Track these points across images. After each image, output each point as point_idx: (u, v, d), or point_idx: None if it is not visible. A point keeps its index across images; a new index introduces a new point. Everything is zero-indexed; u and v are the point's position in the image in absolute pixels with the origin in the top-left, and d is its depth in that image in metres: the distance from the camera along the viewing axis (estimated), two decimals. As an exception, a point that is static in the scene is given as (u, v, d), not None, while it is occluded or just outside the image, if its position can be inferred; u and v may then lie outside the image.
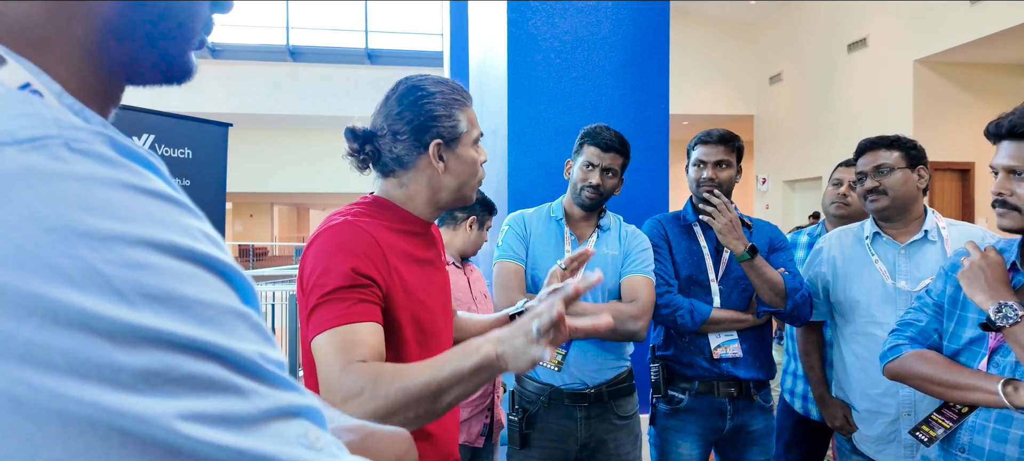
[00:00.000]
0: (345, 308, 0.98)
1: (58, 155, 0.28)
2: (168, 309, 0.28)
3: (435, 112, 1.11)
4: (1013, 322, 1.18)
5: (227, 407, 0.28)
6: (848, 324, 1.91)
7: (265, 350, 0.32)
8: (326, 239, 1.04)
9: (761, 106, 12.69)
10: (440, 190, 1.15)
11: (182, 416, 0.27)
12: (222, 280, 0.32)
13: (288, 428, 0.31)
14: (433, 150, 1.11)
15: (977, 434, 1.27)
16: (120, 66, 0.39)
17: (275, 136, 13.79)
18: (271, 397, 0.31)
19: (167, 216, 0.30)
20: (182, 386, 0.27)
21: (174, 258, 0.29)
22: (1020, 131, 1.23)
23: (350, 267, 1.00)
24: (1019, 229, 1.26)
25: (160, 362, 0.27)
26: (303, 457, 0.30)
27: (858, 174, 1.92)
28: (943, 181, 9.01)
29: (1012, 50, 8.51)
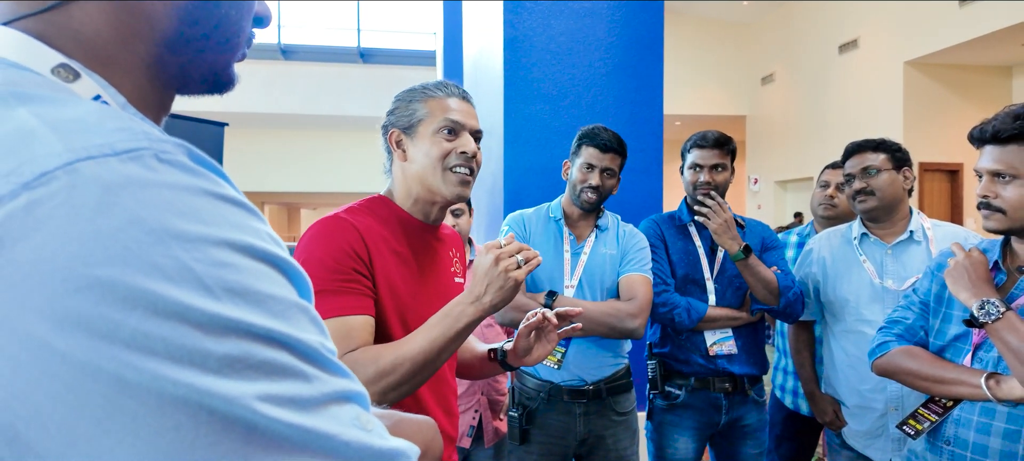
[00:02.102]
0: (330, 300, 1.02)
1: (150, 165, 0.32)
2: (247, 303, 0.32)
3: (397, 107, 1.18)
4: (995, 318, 1.22)
5: (295, 390, 0.32)
6: (838, 322, 1.95)
7: (323, 340, 0.35)
8: (311, 233, 1.08)
9: (753, 107, 12.77)
10: (411, 180, 1.17)
11: (259, 397, 0.30)
12: (284, 277, 0.35)
13: (344, 411, 0.34)
14: (392, 140, 1.18)
15: (961, 427, 1.31)
16: (173, 78, 0.43)
17: (267, 135, 13.74)
18: (330, 382, 0.34)
19: (242, 220, 0.34)
20: (258, 371, 0.31)
21: (250, 258, 0.33)
22: (1003, 136, 1.27)
23: (329, 261, 1.03)
24: (1004, 230, 1.30)
25: (241, 349, 0.30)
26: (358, 437, 0.34)
27: (846, 176, 1.96)
28: (932, 182, 9.11)
29: (999, 52, 8.62)
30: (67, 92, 0.35)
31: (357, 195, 5.39)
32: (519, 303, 1.77)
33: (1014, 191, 1.27)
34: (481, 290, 1.02)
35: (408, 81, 4.29)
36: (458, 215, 2.31)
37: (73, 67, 0.36)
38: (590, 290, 1.85)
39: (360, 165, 13.84)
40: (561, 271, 1.86)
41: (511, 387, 1.97)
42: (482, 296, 1.02)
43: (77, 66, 0.36)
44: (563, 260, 1.87)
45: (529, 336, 1.25)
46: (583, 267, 1.86)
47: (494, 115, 2.84)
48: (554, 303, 1.78)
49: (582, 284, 1.85)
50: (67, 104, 0.33)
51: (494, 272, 1.01)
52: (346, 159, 13.91)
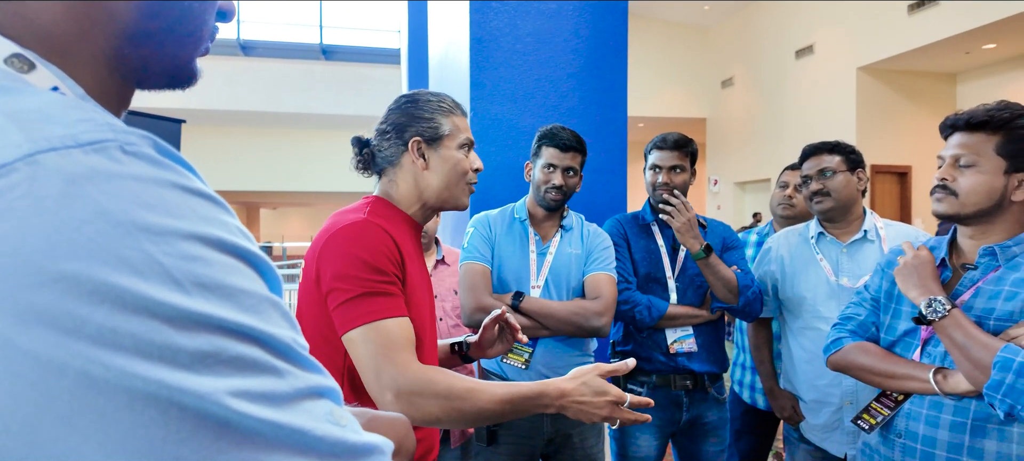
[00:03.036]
0: (380, 303, 1.04)
1: (115, 157, 0.31)
2: (218, 297, 0.31)
3: (416, 113, 1.21)
4: (942, 315, 1.28)
5: (268, 386, 0.32)
6: (795, 319, 2.01)
7: (295, 335, 0.35)
8: (347, 236, 1.08)
9: (714, 109, 13.04)
10: (425, 189, 1.21)
11: (231, 393, 0.30)
12: (255, 271, 0.35)
13: (317, 406, 0.34)
14: (413, 147, 1.19)
15: (912, 420, 1.37)
16: (133, 71, 0.41)
17: (226, 133, 13.41)
18: (303, 378, 0.34)
19: (211, 213, 0.34)
20: (230, 366, 0.30)
21: (220, 251, 0.33)
22: (974, 122, 1.32)
23: (377, 263, 1.06)
24: (953, 215, 1.35)
25: (212, 344, 0.30)
26: (331, 432, 0.34)
27: (803, 177, 2.02)
28: (883, 183, 9.46)
29: (945, 60, 9.00)
30: (23, 83, 0.34)
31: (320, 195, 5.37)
32: (486, 304, 1.77)
33: (970, 178, 1.31)
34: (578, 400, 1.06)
35: (372, 79, 4.28)
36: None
37: (28, 57, 0.35)
38: (556, 290, 1.86)
39: (323, 164, 13.62)
40: (527, 272, 1.87)
41: None
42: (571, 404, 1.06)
43: (32, 56, 0.35)
44: (529, 261, 1.88)
45: (494, 328, 1.32)
46: (549, 267, 1.88)
47: (460, 115, 2.84)
48: (521, 304, 1.79)
49: (548, 284, 1.86)
50: (25, 94, 0.32)
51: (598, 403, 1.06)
52: (308, 158, 13.67)
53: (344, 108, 11.90)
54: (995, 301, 1.29)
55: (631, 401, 1.09)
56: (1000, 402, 1.18)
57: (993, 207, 1.31)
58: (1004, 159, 1.29)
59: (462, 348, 1.39)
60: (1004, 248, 1.31)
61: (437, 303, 2.27)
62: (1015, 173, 1.29)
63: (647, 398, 1.12)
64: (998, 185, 1.30)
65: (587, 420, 1.08)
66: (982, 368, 1.20)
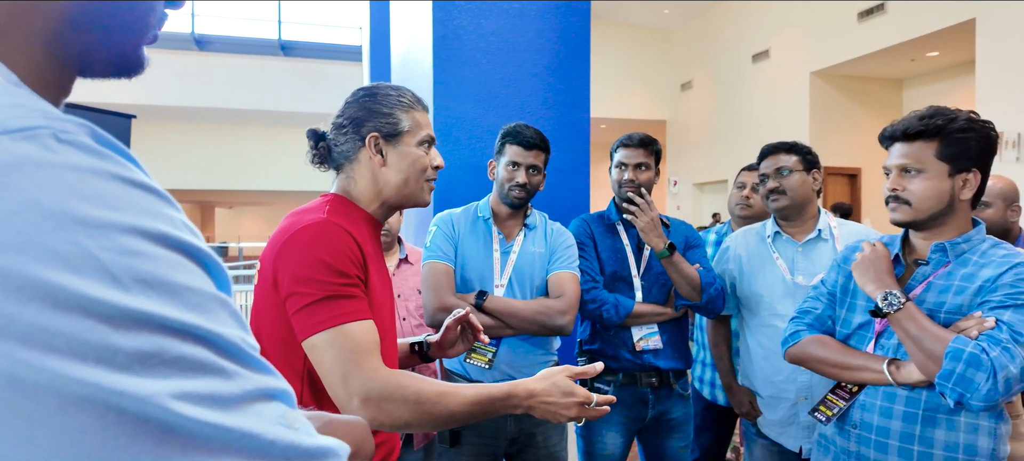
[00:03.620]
0: (344, 306, 1.01)
1: (48, 145, 0.29)
2: (160, 294, 0.29)
3: (374, 108, 1.17)
4: (897, 308, 1.33)
5: (214, 387, 0.30)
6: (753, 317, 2.05)
7: (244, 335, 0.33)
8: (307, 237, 1.04)
9: (673, 111, 13.27)
10: (384, 186, 1.18)
11: (174, 395, 0.28)
12: (201, 268, 0.33)
13: (268, 409, 0.33)
14: (370, 142, 1.16)
15: (866, 411, 1.41)
16: (74, 58, 0.39)
17: (179, 129, 13.00)
18: (252, 379, 0.32)
19: (153, 206, 0.32)
20: (173, 367, 0.29)
21: (162, 246, 0.31)
22: (911, 132, 1.38)
23: (339, 265, 1.02)
24: (909, 221, 1.41)
25: (153, 344, 0.28)
26: (284, 435, 0.32)
27: (760, 176, 2.07)
28: (835, 184, 9.79)
29: (892, 66, 9.36)
30: None
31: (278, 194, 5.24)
32: (449, 304, 1.76)
33: (919, 184, 1.37)
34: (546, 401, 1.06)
35: (332, 76, 4.21)
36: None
37: None
38: (520, 288, 1.86)
39: (281, 162, 13.32)
40: (491, 270, 1.87)
41: None
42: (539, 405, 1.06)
43: None
44: (492, 259, 1.88)
45: (457, 328, 1.31)
46: (513, 266, 1.87)
47: (423, 113, 2.81)
48: (485, 303, 1.78)
49: (512, 283, 1.86)
50: None
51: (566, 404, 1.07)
52: (266, 155, 13.36)
53: (303, 105, 11.67)
54: (945, 295, 1.34)
55: (597, 400, 1.10)
56: (951, 391, 1.23)
57: (944, 209, 1.37)
58: (946, 163, 1.35)
59: (422, 347, 1.37)
60: (954, 245, 1.37)
61: (400, 303, 2.24)
62: (958, 174, 1.35)
63: (611, 396, 1.14)
64: (945, 188, 1.35)
65: (554, 420, 1.09)
66: (934, 359, 1.25)
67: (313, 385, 1.09)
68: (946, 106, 1.38)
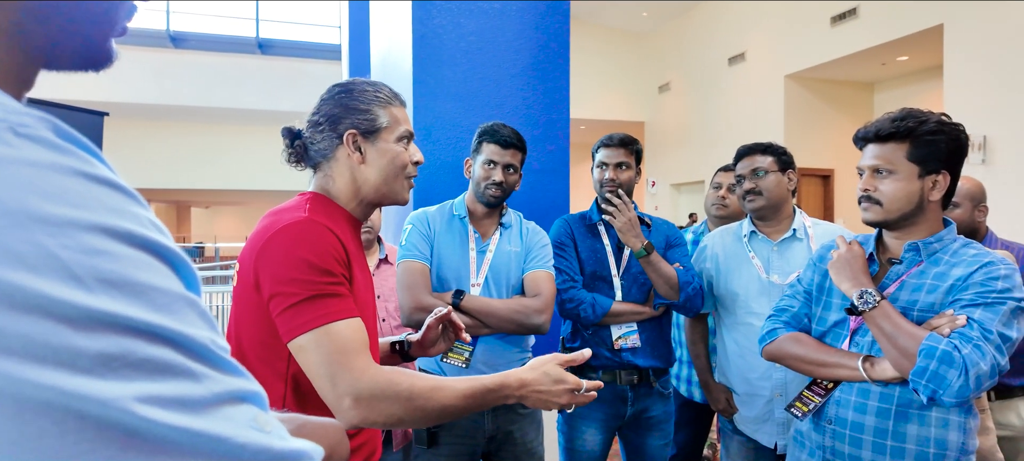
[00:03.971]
0: (330, 305, 0.99)
1: (5, 139, 0.28)
2: (124, 295, 0.28)
3: (351, 104, 1.15)
4: (872, 306, 1.35)
5: (182, 390, 0.29)
6: (729, 315, 2.08)
7: (214, 336, 0.33)
8: (289, 236, 1.02)
9: (652, 113, 13.39)
10: (363, 184, 1.16)
11: (139, 399, 0.27)
12: (169, 267, 0.32)
13: (239, 412, 0.32)
14: (348, 140, 1.14)
15: (841, 407, 1.44)
16: (38, 50, 0.37)
17: (154, 128, 12.76)
18: (222, 382, 0.31)
19: (118, 203, 0.31)
20: (139, 370, 0.28)
21: (128, 245, 0.30)
22: (883, 134, 1.41)
23: (324, 264, 1.01)
24: (880, 221, 1.44)
25: (117, 346, 0.27)
26: (255, 438, 0.31)
27: (737, 177, 2.10)
28: (808, 185, 9.95)
29: (863, 70, 9.55)
30: None
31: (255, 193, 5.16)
32: (426, 303, 1.75)
33: (890, 185, 1.40)
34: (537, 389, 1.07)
35: (310, 75, 4.17)
36: None
37: None
38: (496, 288, 1.87)
39: (258, 161, 13.14)
40: (467, 269, 1.86)
41: None
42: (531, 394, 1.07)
43: None
44: (469, 258, 1.87)
45: (437, 327, 1.31)
46: (489, 265, 1.87)
47: (403, 112, 2.80)
48: (462, 302, 1.78)
49: (488, 282, 1.86)
50: None
51: (557, 391, 1.08)
52: (242, 154, 13.18)
53: (280, 104, 11.54)
54: (918, 293, 1.38)
55: (587, 386, 1.11)
56: (924, 387, 1.26)
57: (914, 209, 1.40)
58: (916, 164, 1.38)
59: (403, 347, 1.36)
60: (926, 244, 1.41)
61: (380, 304, 2.23)
62: (928, 176, 1.38)
63: (599, 382, 1.16)
64: (915, 189, 1.39)
65: (546, 408, 1.09)
66: (908, 356, 1.28)
67: (297, 388, 1.07)
68: (919, 108, 1.41)
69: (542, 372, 1.07)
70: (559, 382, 1.08)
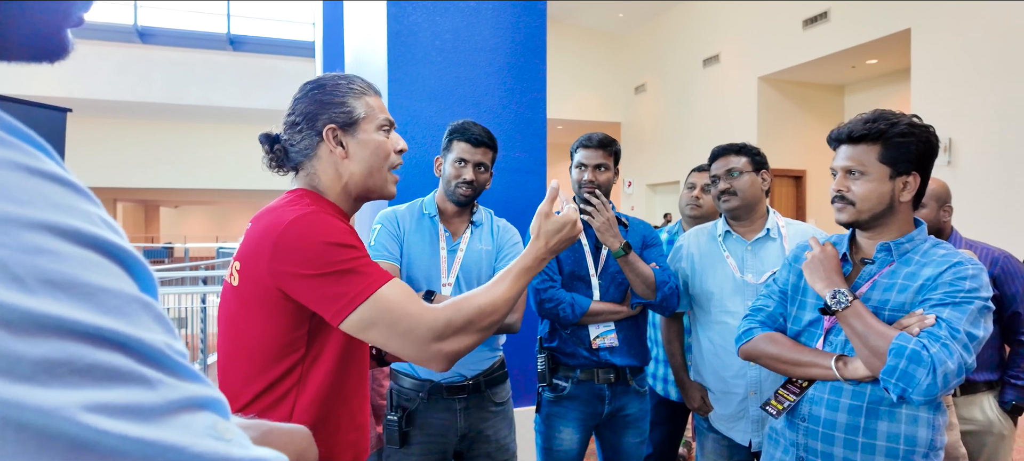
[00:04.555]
0: (371, 273, 1.02)
1: None
2: (70, 297, 0.27)
3: (325, 99, 1.13)
4: (844, 306, 1.37)
5: (134, 398, 0.27)
6: (704, 314, 2.09)
7: (170, 340, 0.31)
8: (306, 225, 1.03)
9: (628, 114, 13.49)
10: (348, 178, 1.15)
11: (86, 407, 0.25)
12: (122, 268, 0.30)
13: (197, 420, 0.30)
14: (327, 135, 1.12)
15: (815, 405, 1.46)
16: None
17: (121, 125, 12.46)
18: (179, 388, 0.30)
19: (65, 200, 0.29)
20: (86, 376, 0.26)
21: (75, 244, 0.28)
22: (855, 135, 1.43)
23: (347, 241, 1.03)
24: (853, 221, 1.46)
25: (62, 351, 0.25)
26: (214, 448, 0.30)
27: (712, 177, 2.12)
28: (781, 186, 10.12)
29: (834, 73, 9.74)
30: None
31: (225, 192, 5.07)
32: None
33: (862, 186, 1.42)
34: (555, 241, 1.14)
35: (283, 72, 4.10)
36: None
37: None
38: (467, 286, 1.85)
39: (229, 160, 12.93)
40: (437, 269, 1.85)
41: (388, 390, 1.93)
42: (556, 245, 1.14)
43: None
44: (439, 258, 1.86)
45: None
46: (460, 264, 1.86)
47: (378, 110, 2.77)
48: (433, 302, 1.76)
49: (459, 281, 1.84)
50: None
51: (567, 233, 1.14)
52: (213, 153, 12.95)
53: (252, 101, 11.35)
54: (890, 293, 1.40)
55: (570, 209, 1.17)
56: (894, 386, 1.28)
57: (886, 210, 1.42)
58: (887, 166, 1.40)
59: (377, 350, 1.34)
60: (897, 244, 1.43)
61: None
62: (899, 177, 1.41)
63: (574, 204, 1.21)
64: (886, 190, 1.41)
65: (572, 242, 1.16)
66: (879, 355, 1.30)
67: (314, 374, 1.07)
68: (891, 111, 1.43)
69: (545, 231, 1.13)
70: (561, 227, 1.14)
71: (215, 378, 1.11)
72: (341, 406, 1.11)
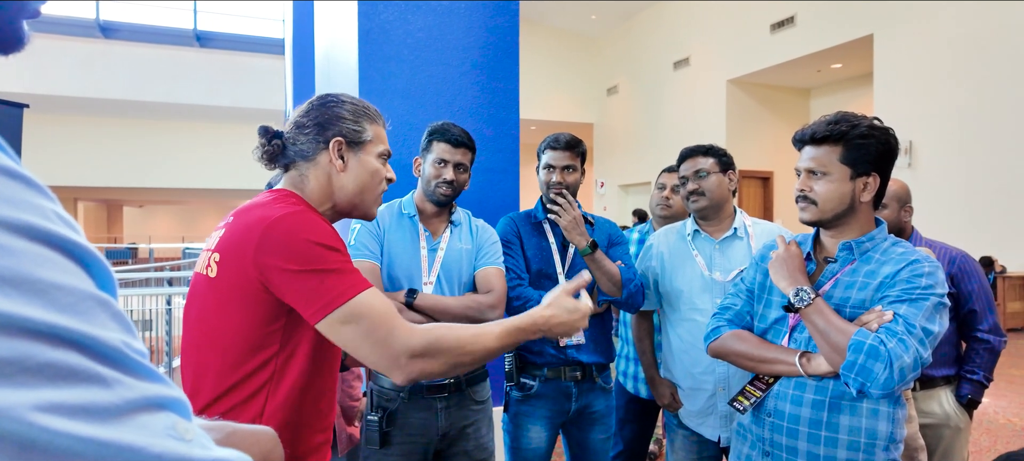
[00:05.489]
0: (354, 277, 1.03)
1: None
2: (21, 293, 0.26)
3: (341, 114, 1.18)
4: (807, 304, 1.41)
5: (89, 397, 0.27)
6: (674, 311, 2.12)
7: (128, 339, 0.30)
8: (293, 223, 1.04)
9: (600, 115, 13.59)
10: (338, 191, 1.19)
11: (39, 407, 0.25)
12: (78, 265, 0.30)
13: (155, 420, 0.30)
14: (334, 146, 1.17)
15: (780, 400, 1.49)
16: None
17: (83, 122, 12.10)
18: (136, 388, 0.29)
19: (17, 194, 0.28)
20: (38, 376, 0.25)
21: (27, 239, 0.27)
22: (818, 137, 1.47)
23: (332, 242, 1.04)
24: (816, 221, 1.50)
25: (12, 350, 0.25)
26: (173, 449, 0.29)
27: (681, 178, 2.15)
28: (749, 187, 10.30)
29: (800, 76, 9.96)
30: None
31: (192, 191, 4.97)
32: None
33: (825, 186, 1.46)
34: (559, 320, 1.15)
35: (252, 69, 4.04)
36: None
37: None
38: (448, 285, 1.86)
39: (195, 159, 12.67)
40: (419, 268, 1.84)
41: (367, 390, 1.91)
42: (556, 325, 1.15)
43: None
44: (420, 257, 1.86)
45: None
46: (441, 263, 1.86)
47: (349, 109, 2.74)
48: (416, 301, 1.76)
49: (440, 280, 1.85)
50: None
51: (575, 319, 1.16)
52: (179, 152, 12.66)
53: (220, 99, 11.13)
54: (851, 291, 1.44)
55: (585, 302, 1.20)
56: (853, 380, 1.31)
57: (847, 209, 1.46)
58: (848, 167, 1.44)
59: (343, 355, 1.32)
60: (859, 244, 1.47)
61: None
62: (859, 177, 1.45)
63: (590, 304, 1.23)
64: (847, 190, 1.45)
65: (568, 334, 1.18)
66: (839, 351, 1.34)
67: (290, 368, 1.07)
68: (853, 113, 1.47)
69: (558, 306, 1.16)
70: (574, 311, 1.16)
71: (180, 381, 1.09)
72: (311, 405, 1.11)
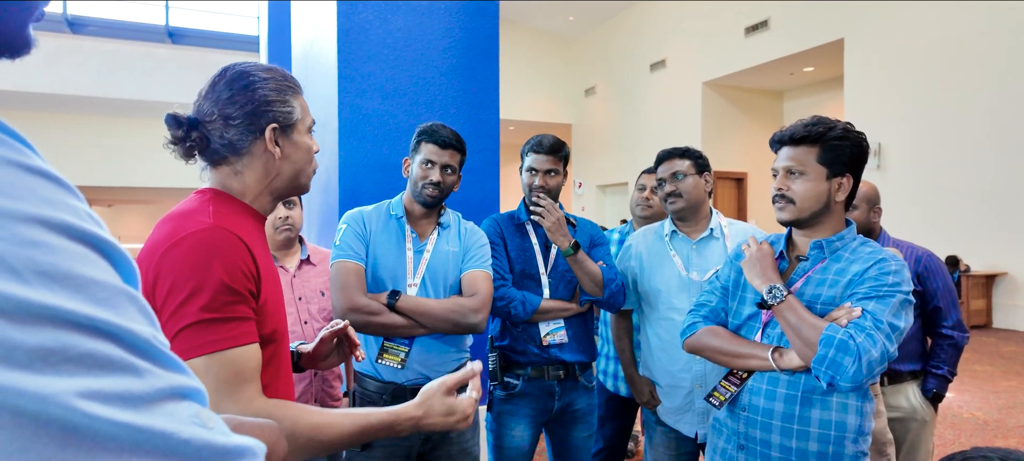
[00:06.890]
0: (226, 329, 0.93)
1: None
2: (64, 288, 0.28)
3: (269, 97, 1.07)
4: (779, 301, 1.45)
5: (124, 386, 0.29)
6: (652, 310, 2.16)
7: (155, 332, 0.32)
8: (196, 246, 0.95)
9: (578, 116, 13.67)
10: (276, 177, 1.11)
11: (80, 394, 0.26)
12: (107, 261, 0.32)
13: (181, 408, 0.32)
14: (269, 135, 1.07)
15: (754, 395, 1.54)
16: None
17: (49, 119, 11.79)
18: (164, 377, 0.31)
19: (55, 195, 0.30)
20: (79, 364, 0.27)
21: (66, 238, 0.29)
22: (796, 137, 1.52)
23: (230, 281, 0.94)
24: (793, 220, 1.55)
25: (57, 340, 0.27)
26: (199, 434, 0.31)
27: (658, 180, 2.19)
28: (723, 188, 10.46)
29: (773, 79, 10.14)
30: None
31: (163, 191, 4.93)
32: (360, 304, 1.72)
33: (801, 185, 1.51)
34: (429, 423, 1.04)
35: (227, 66, 3.82)
36: (291, 206, 2.19)
37: None
38: (433, 288, 1.85)
39: (167, 157, 12.38)
40: (404, 270, 1.84)
41: (350, 392, 1.91)
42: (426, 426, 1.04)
43: None
44: (405, 258, 1.85)
45: (333, 341, 1.27)
46: (426, 265, 1.86)
47: (327, 108, 2.73)
48: (397, 303, 1.76)
49: (425, 282, 1.85)
50: None
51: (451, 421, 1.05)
52: (150, 150, 12.36)
53: (192, 96, 10.79)
54: (821, 288, 1.49)
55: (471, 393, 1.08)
56: (824, 374, 1.36)
57: (822, 208, 1.52)
58: (825, 167, 1.49)
59: (295, 357, 1.28)
60: (829, 243, 1.52)
61: (302, 306, 2.16)
62: (834, 178, 1.50)
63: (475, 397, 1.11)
64: (823, 190, 1.50)
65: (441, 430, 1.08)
66: (810, 345, 1.39)
67: None
68: (828, 116, 1.53)
69: (428, 407, 1.04)
70: (449, 413, 1.05)
71: None
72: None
